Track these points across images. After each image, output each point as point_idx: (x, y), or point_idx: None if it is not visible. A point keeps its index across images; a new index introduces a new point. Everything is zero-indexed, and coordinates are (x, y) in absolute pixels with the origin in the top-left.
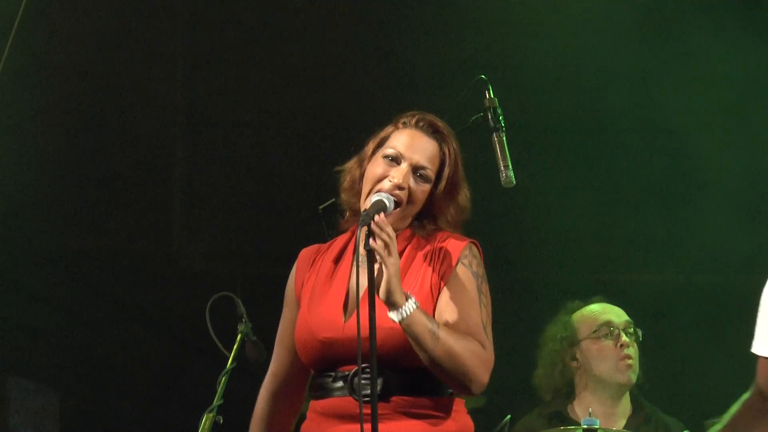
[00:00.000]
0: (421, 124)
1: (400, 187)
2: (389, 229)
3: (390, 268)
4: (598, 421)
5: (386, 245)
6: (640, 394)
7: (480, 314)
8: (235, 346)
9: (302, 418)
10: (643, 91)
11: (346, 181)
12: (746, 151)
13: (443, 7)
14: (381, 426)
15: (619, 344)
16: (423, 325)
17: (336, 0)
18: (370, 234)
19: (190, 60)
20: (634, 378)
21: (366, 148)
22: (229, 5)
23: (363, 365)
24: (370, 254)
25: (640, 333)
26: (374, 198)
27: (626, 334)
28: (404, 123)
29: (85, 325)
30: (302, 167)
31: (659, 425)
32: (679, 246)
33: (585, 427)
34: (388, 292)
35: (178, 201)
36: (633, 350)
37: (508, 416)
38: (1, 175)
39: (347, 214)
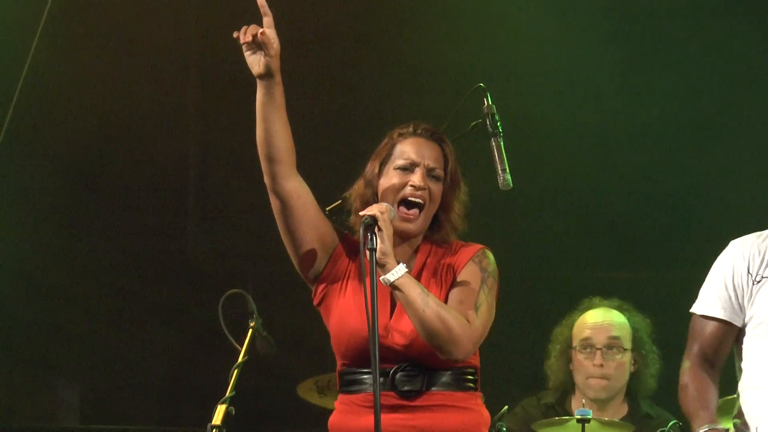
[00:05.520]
0: (420, 131)
1: (422, 188)
2: (386, 214)
3: (384, 232)
4: (590, 412)
5: (384, 214)
6: (641, 394)
7: (475, 298)
8: (246, 341)
9: (330, 412)
10: (635, 98)
11: (358, 204)
12: (744, 152)
13: (445, 20)
14: (424, 416)
15: (592, 363)
16: (413, 288)
17: (343, 11)
18: (374, 236)
19: (203, 69)
20: (604, 395)
21: (370, 169)
22: (240, 15)
23: (404, 364)
24: (372, 254)
25: (623, 346)
26: (384, 203)
27: (604, 353)
28: (402, 134)
29: (104, 321)
30: (309, 171)
31: (655, 424)
32: (672, 244)
33: (578, 417)
34: (383, 254)
35: (192, 203)
36: (611, 368)
37: (506, 407)
38: (26, 179)
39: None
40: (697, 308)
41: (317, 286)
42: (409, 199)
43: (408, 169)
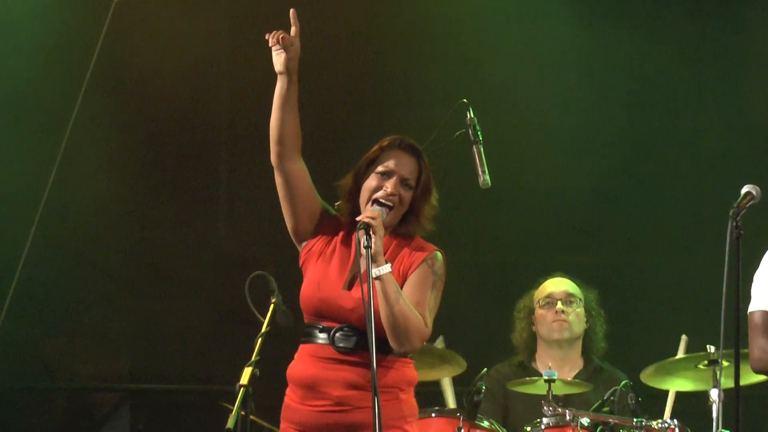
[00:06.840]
0: (402, 145)
1: (393, 194)
2: (378, 219)
3: (377, 234)
4: (556, 373)
5: (376, 220)
6: (593, 351)
7: (428, 300)
8: (268, 314)
9: (290, 360)
10: (597, 110)
11: (345, 192)
12: (687, 159)
13: (434, 41)
14: (353, 369)
15: (554, 311)
16: (393, 285)
17: (344, 38)
18: (369, 237)
19: (231, 86)
20: (567, 334)
21: (358, 167)
22: (261, 41)
23: (344, 325)
24: (368, 251)
25: (580, 299)
26: (375, 207)
27: (563, 303)
28: (389, 145)
29: (150, 298)
30: (320, 172)
31: (606, 375)
32: (626, 234)
33: (546, 378)
34: (376, 252)
35: (223, 198)
36: (570, 315)
37: (485, 369)
38: (88, 179)
39: (347, 218)
40: None
41: (302, 250)
42: (381, 200)
43: (386, 174)
